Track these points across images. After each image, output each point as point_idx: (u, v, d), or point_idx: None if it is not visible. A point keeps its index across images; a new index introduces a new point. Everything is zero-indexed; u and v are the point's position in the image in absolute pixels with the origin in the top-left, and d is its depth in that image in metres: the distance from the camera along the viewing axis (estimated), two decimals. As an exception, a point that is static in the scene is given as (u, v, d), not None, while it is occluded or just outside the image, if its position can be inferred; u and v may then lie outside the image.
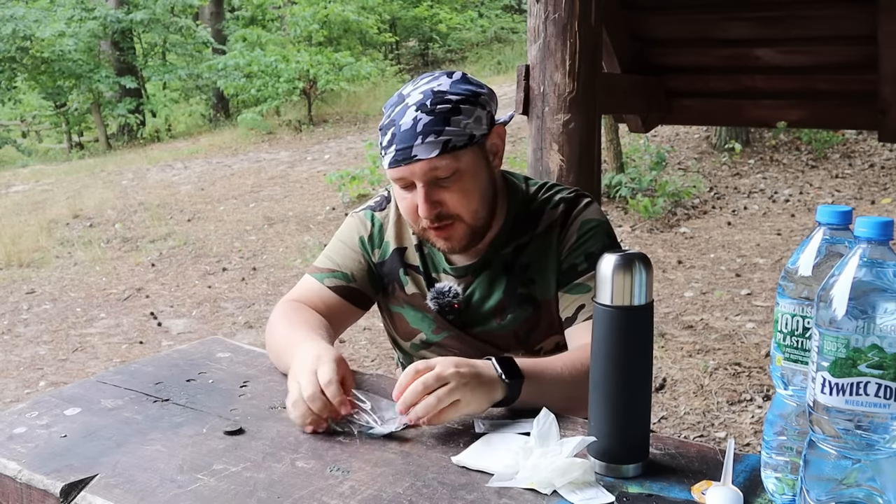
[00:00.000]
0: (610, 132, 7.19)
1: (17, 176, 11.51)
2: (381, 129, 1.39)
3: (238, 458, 1.11)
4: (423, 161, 1.32)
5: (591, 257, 1.42)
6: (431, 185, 1.35)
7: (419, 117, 1.32)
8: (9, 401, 3.91)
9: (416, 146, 1.32)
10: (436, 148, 1.32)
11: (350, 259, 1.55)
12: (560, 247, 1.46)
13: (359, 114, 12.94)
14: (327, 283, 1.52)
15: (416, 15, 16.91)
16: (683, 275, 5.33)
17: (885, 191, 6.92)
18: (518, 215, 1.50)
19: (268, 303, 5.34)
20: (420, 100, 1.33)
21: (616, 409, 1.04)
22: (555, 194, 1.51)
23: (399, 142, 1.33)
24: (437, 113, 1.32)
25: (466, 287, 1.51)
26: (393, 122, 1.35)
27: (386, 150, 1.36)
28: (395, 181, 1.39)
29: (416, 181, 1.35)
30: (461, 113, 1.34)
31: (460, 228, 1.40)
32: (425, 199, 1.35)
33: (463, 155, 1.35)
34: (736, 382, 3.66)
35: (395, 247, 1.55)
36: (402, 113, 1.34)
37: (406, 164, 1.33)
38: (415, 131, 1.32)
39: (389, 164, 1.36)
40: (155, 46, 16.60)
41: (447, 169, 1.34)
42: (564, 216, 1.47)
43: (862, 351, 0.79)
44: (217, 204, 8.41)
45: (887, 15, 3.04)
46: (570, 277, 1.44)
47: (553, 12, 2.56)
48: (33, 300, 5.72)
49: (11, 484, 1.10)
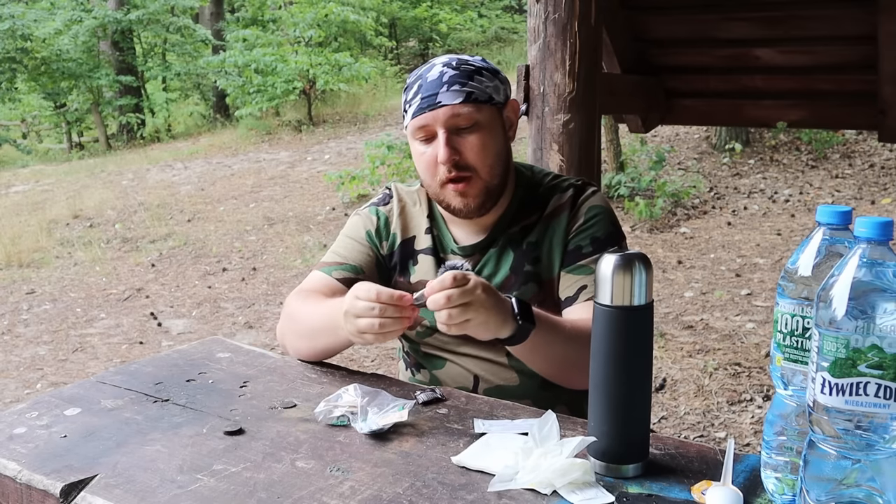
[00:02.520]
0: (610, 132, 7.19)
1: (17, 176, 11.52)
2: (407, 89, 1.47)
3: (238, 458, 1.11)
4: (446, 107, 1.40)
5: (596, 242, 1.48)
6: (452, 134, 1.42)
7: (445, 71, 1.43)
8: (9, 401, 3.91)
9: (441, 93, 1.41)
10: (459, 96, 1.40)
11: (358, 252, 1.57)
12: (568, 228, 1.51)
13: (359, 114, 12.94)
14: (336, 276, 1.54)
15: (416, 15, 16.91)
16: (683, 275, 5.33)
17: (885, 191, 6.92)
18: (524, 197, 1.55)
19: (268, 303, 5.34)
20: (446, 60, 1.46)
21: (616, 409, 1.04)
22: (562, 181, 1.57)
23: (424, 91, 1.42)
24: (461, 69, 1.43)
25: (475, 265, 1.54)
26: (420, 76, 1.45)
27: (410, 104, 1.44)
28: (417, 133, 1.45)
29: (438, 128, 1.41)
30: (483, 75, 1.45)
31: (477, 184, 1.44)
32: (446, 144, 1.40)
33: (483, 109, 1.43)
34: (736, 382, 3.66)
35: (402, 239, 1.58)
36: (428, 69, 1.45)
37: (430, 111, 1.41)
38: (440, 81, 1.41)
39: (414, 113, 1.43)
40: (154, 46, 16.60)
41: (468, 118, 1.41)
42: (573, 200, 1.52)
43: (862, 351, 0.79)
44: (217, 204, 8.41)
45: (887, 15, 3.04)
46: (574, 259, 1.49)
47: (553, 12, 2.56)
48: (33, 300, 5.72)
49: (11, 484, 1.10)
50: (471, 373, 1.53)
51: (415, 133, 1.45)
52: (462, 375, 1.53)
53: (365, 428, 1.17)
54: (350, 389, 1.25)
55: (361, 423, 1.18)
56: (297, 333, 1.50)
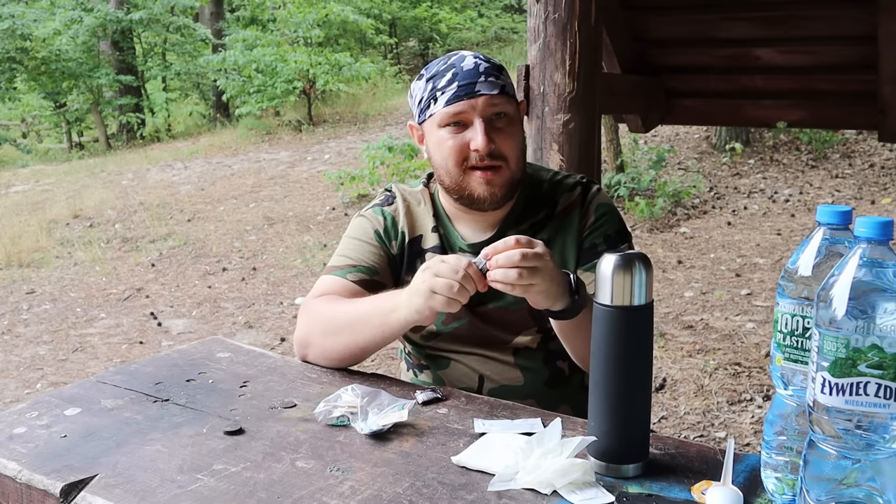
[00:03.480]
0: (610, 132, 7.19)
1: (17, 176, 11.52)
2: (434, 76, 1.46)
3: (238, 458, 1.11)
4: (485, 96, 1.43)
5: (609, 240, 1.51)
6: (488, 123, 1.44)
7: (479, 62, 1.45)
8: (9, 401, 3.91)
9: (480, 83, 1.43)
10: (496, 87, 1.44)
11: (369, 253, 1.54)
12: (581, 226, 1.52)
13: (359, 114, 12.94)
14: (351, 278, 1.50)
15: (416, 15, 16.91)
16: (683, 275, 5.33)
17: (885, 191, 6.92)
18: (530, 194, 1.56)
19: (267, 303, 5.34)
20: (475, 53, 1.49)
21: (616, 409, 1.04)
22: (565, 178, 1.59)
23: (462, 79, 1.43)
24: (492, 63, 1.47)
25: None
26: (452, 65, 1.45)
27: (444, 90, 1.44)
28: (449, 119, 1.44)
29: (476, 117, 1.43)
30: (506, 72, 1.50)
31: (505, 173, 1.46)
32: (484, 133, 1.42)
33: (512, 103, 1.48)
34: (736, 382, 3.66)
35: (410, 237, 1.57)
36: (461, 59, 1.46)
37: (469, 99, 1.42)
38: (478, 71, 1.44)
39: (449, 100, 1.43)
40: (154, 46, 16.61)
41: (502, 109, 1.45)
42: (582, 198, 1.54)
43: (862, 351, 0.79)
44: (217, 204, 8.41)
45: (887, 15, 3.04)
46: (591, 257, 1.49)
47: (553, 12, 2.56)
48: (33, 300, 5.72)
49: (11, 484, 1.10)
50: (476, 372, 1.52)
51: (445, 119, 1.44)
52: (467, 375, 1.53)
53: (365, 428, 1.16)
54: (350, 389, 1.25)
55: (362, 424, 1.18)
56: (330, 331, 1.43)
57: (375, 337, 1.38)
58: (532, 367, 1.51)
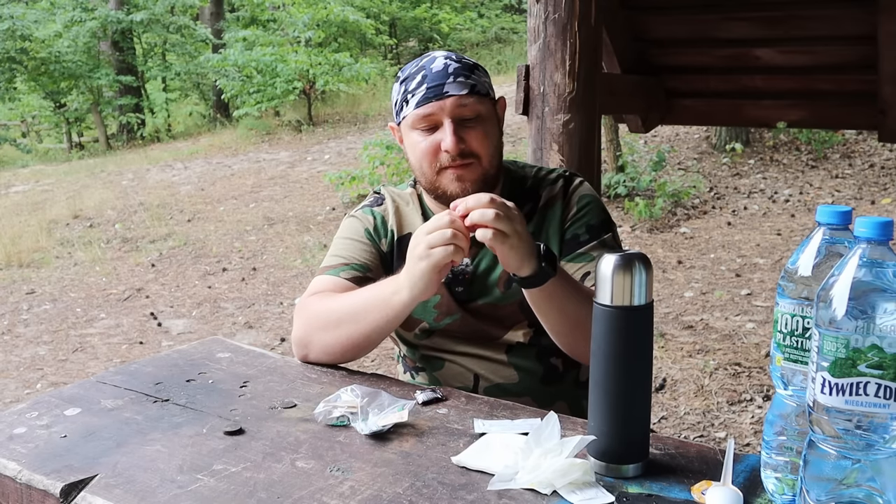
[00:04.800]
0: (610, 132, 7.19)
1: (17, 176, 11.52)
2: (406, 79, 1.48)
3: (238, 458, 1.11)
4: (454, 97, 1.43)
5: (592, 229, 1.52)
6: (458, 123, 1.44)
7: (449, 63, 1.46)
8: (9, 401, 3.91)
9: (448, 84, 1.44)
10: (465, 88, 1.45)
11: (361, 251, 1.56)
12: (563, 218, 1.54)
13: (358, 114, 12.94)
14: (344, 276, 1.51)
15: (416, 16, 16.91)
16: (683, 275, 5.33)
17: (885, 191, 6.92)
18: (514, 190, 1.56)
19: (267, 303, 5.34)
20: (446, 53, 1.50)
21: (616, 409, 1.04)
22: (549, 172, 1.61)
23: (430, 81, 1.45)
24: (463, 63, 1.48)
25: (472, 258, 1.54)
26: (422, 67, 1.47)
27: (414, 93, 1.46)
28: (420, 122, 1.46)
29: (444, 118, 1.44)
30: (479, 71, 1.50)
31: (477, 170, 1.47)
32: (453, 133, 1.43)
33: (484, 102, 1.48)
34: (736, 382, 3.66)
35: (399, 236, 1.58)
36: (431, 60, 1.48)
37: (437, 100, 1.44)
38: (446, 72, 1.45)
39: (419, 103, 1.44)
40: (154, 46, 16.60)
41: (472, 109, 1.45)
42: (564, 190, 1.56)
43: (862, 351, 0.79)
44: (217, 204, 8.41)
45: (887, 15, 3.04)
46: (574, 247, 1.51)
47: (553, 12, 2.56)
48: (33, 300, 5.72)
49: (11, 484, 1.10)
50: (470, 372, 1.53)
51: (416, 122, 1.46)
52: (462, 375, 1.53)
53: (365, 429, 1.16)
54: (350, 390, 1.25)
55: (362, 424, 1.18)
56: (331, 325, 1.43)
57: (379, 323, 1.38)
58: (526, 364, 1.51)
